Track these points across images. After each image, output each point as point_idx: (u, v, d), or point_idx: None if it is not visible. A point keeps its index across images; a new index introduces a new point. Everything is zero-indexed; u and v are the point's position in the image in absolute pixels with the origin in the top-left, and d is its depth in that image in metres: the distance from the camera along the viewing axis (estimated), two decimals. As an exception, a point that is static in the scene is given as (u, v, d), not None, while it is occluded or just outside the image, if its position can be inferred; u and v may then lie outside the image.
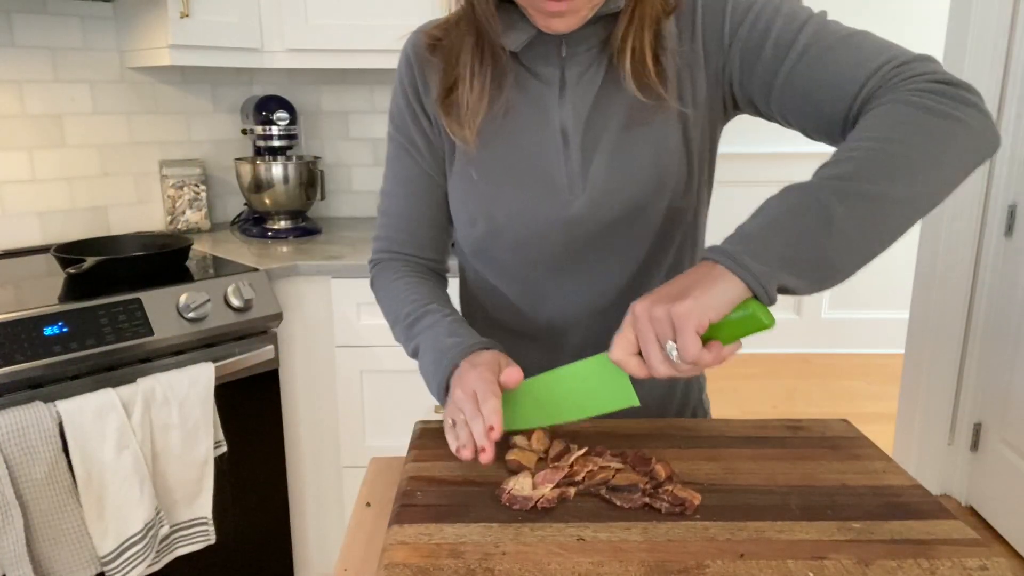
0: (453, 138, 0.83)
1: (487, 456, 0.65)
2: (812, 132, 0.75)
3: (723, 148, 0.90)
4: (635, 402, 0.68)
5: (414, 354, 0.83)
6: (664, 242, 0.85)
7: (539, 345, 0.90)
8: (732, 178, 3.06)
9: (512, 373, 0.70)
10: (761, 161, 3.24)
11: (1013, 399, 2.14)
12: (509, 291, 0.89)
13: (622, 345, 0.64)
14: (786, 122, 0.77)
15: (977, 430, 2.32)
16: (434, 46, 0.85)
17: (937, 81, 0.66)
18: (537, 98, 0.82)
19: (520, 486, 0.66)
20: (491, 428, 0.66)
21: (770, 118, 0.79)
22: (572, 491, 0.66)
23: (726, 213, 0.99)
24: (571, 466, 0.69)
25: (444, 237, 0.93)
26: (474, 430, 0.67)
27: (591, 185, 0.81)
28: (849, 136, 0.66)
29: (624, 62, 0.77)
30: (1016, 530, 2.14)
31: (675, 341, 0.59)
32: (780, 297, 0.62)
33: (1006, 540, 2.17)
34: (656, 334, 0.61)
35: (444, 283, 0.95)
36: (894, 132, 0.63)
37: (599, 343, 0.88)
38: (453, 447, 0.69)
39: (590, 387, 0.70)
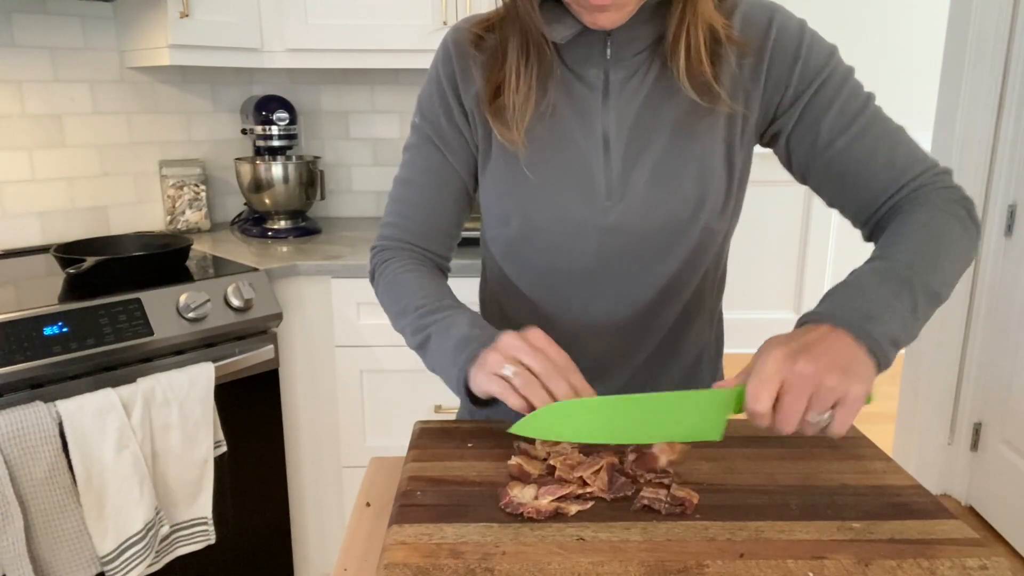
0: (501, 140, 0.81)
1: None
2: (838, 206, 0.82)
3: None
4: (721, 438, 0.66)
5: (422, 344, 0.79)
6: (695, 262, 0.84)
7: None
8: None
9: (586, 387, 0.69)
10: (776, 160, 3.24)
11: (1013, 399, 2.14)
12: (533, 294, 0.88)
13: (771, 397, 0.60)
14: (815, 188, 0.82)
15: (977, 430, 2.32)
16: (478, 43, 0.83)
17: (962, 198, 0.77)
18: (580, 102, 0.80)
19: (522, 495, 0.65)
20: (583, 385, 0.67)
21: (800, 177, 0.83)
22: (573, 508, 0.65)
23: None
24: (581, 479, 0.68)
25: (454, 235, 0.92)
26: (560, 394, 0.66)
27: (630, 195, 0.80)
28: (912, 227, 0.74)
29: (678, 59, 0.75)
30: (1016, 530, 2.14)
31: (834, 410, 0.60)
32: (778, 295, 0.64)
33: (1006, 540, 2.17)
34: (814, 398, 0.59)
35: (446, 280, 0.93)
36: (952, 246, 0.73)
37: (618, 355, 0.89)
38: (518, 405, 0.67)
39: (688, 415, 0.65)
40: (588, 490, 0.67)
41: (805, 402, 0.60)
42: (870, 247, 0.78)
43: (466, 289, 1.13)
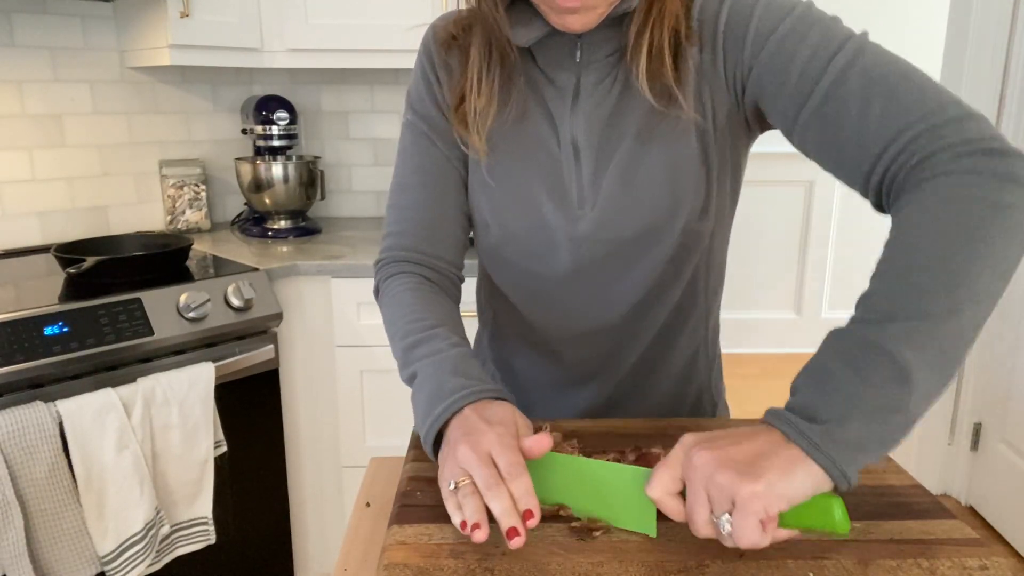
0: (467, 146, 0.80)
1: (519, 541, 0.55)
2: (836, 175, 0.68)
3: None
4: (653, 533, 0.60)
5: (409, 381, 0.74)
6: (679, 264, 0.81)
7: (539, 354, 0.89)
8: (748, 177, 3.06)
9: (541, 441, 0.61)
10: (777, 160, 3.25)
11: (1013, 399, 2.14)
12: (517, 300, 0.87)
13: (664, 484, 0.56)
14: (812, 156, 0.69)
15: (977, 430, 2.32)
16: (450, 44, 0.82)
17: (980, 152, 0.55)
18: (550, 106, 0.79)
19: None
20: (529, 514, 0.57)
21: (798, 146, 0.70)
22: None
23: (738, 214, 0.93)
24: None
25: (463, 236, 0.86)
26: (495, 508, 0.57)
27: (601, 203, 0.78)
28: (891, 243, 0.57)
29: (639, 60, 0.72)
30: (1016, 530, 2.14)
31: (731, 516, 0.51)
32: (778, 295, 0.59)
33: (1006, 540, 2.17)
34: (711, 498, 0.52)
35: (457, 294, 0.88)
36: (947, 241, 0.54)
37: (603, 360, 0.87)
38: (456, 520, 0.58)
39: (616, 495, 0.61)
40: None
41: (703, 498, 0.53)
42: (868, 246, 0.76)
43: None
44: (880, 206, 0.65)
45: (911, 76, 0.61)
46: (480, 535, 0.57)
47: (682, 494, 0.57)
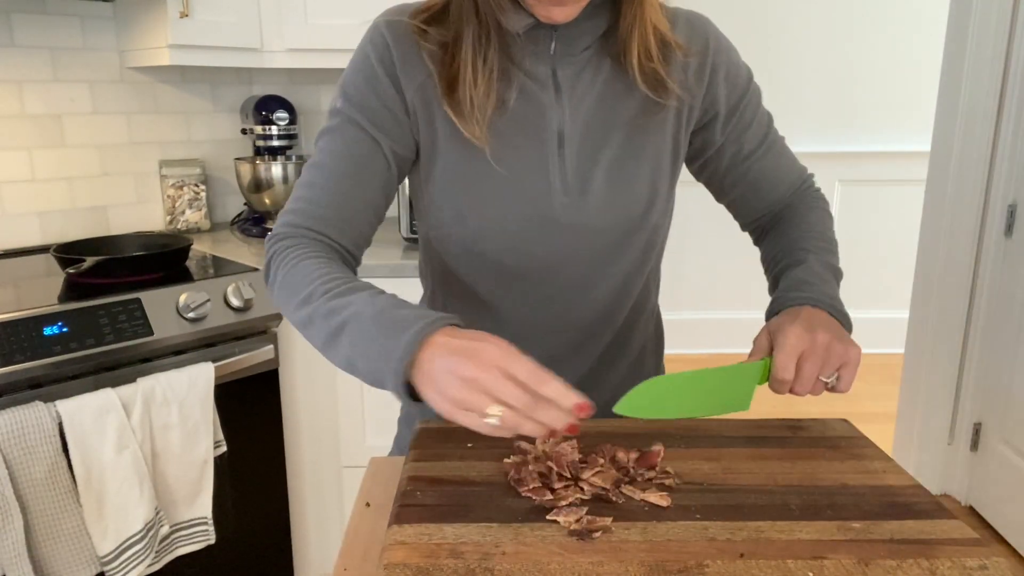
0: (467, 135, 0.78)
1: (577, 427, 0.58)
2: (734, 210, 0.95)
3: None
4: (748, 407, 0.77)
5: (335, 333, 0.66)
6: (644, 259, 0.87)
7: None
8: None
9: (584, 407, 0.58)
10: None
11: (1013, 399, 2.14)
12: (487, 294, 0.86)
13: (793, 367, 0.72)
14: (723, 195, 0.93)
15: (977, 430, 2.32)
16: (424, 36, 0.79)
17: (822, 196, 0.94)
18: (532, 97, 0.80)
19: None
20: (585, 406, 0.57)
21: (704, 178, 0.92)
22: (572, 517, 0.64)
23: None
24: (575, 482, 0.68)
25: (369, 232, 0.82)
26: (547, 417, 0.56)
27: (587, 193, 0.80)
28: (812, 223, 0.89)
29: (631, 57, 0.78)
30: (1016, 530, 2.14)
31: (839, 372, 0.73)
32: None
33: (1006, 540, 2.17)
34: (824, 363, 0.72)
35: None
36: (832, 233, 0.90)
37: (572, 351, 0.90)
38: (486, 430, 0.57)
39: (719, 390, 0.75)
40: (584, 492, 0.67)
41: (820, 367, 0.72)
42: (867, 246, 0.87)
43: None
44: (759, 239, 0.96)
45: (787, 148, 0.93)
46: (583, 409, 0.57)
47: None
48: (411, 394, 0.63)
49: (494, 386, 0.56)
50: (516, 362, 0.57)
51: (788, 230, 0.90)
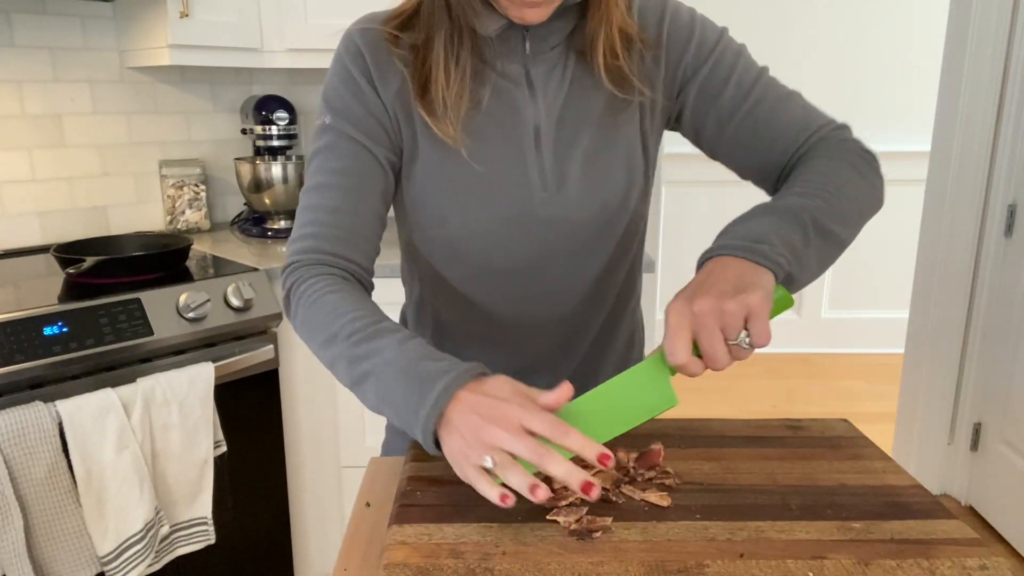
0: (441, 136, 0.79)
1: (597, 491, 0.58)
2: (748, 173, 0.86)
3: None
4: (676, 402, 0.66)
5: (359, 380, 0.68)
6: (626, 247, 0.88)
7: (491, 349, 0.90)
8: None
9: (562, 392, 0.61)
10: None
11: (1013, 399, 2.14)
12: (472, 295, 0.87)
13: (684, 347, 0.63)
14: (726, 158, 0.86)
15: (977, 430, 2.32)
16: (396, 42, 0.80)
17: (862, 150, 0.81)
18: (507, 96, 0.80)
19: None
20: (606, 456, 0.58)
21: (709, 152, 0.87)
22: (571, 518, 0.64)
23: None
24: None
25: (376, 242, 0.83)
26: (559, 471, 0.57)
27: (565, 186, 0.81)
28: (805, 172, 0.78)
29: (597, 56, 0.78)
30: (1016, 530, 2.14)
31: (747, 331, 0.63)
32: None
33: (1006, 540, 2.17)
34: (724, 327, 0.63)
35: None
36: (845, 187, 0.76)
37: (561, 347, 0.91)
38: (494, 494, 0.58)
39: (633, 397, 0.67)
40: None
41: (719, 334, 0.63)
42: (867, 246, 0.82)
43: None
44: (776, 190, 0.84)
45: (798, 98, 0.84)
46: (542, 493, 0.57)
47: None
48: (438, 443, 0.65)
49: (509, 440, 0.59)
50: (537, 416, 0.59)
51: (787, 184, 0.79)
